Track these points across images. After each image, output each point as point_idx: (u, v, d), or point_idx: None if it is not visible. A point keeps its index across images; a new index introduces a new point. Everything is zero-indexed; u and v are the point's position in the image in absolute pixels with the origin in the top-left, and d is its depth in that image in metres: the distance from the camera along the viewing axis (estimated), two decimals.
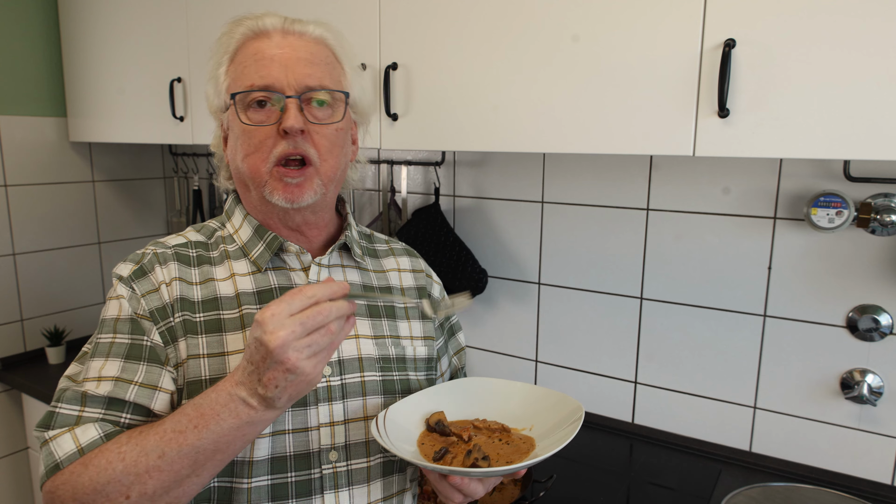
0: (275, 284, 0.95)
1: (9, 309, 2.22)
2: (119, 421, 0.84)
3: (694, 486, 1.47)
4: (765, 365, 1.53)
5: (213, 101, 0.96)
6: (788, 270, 1.48)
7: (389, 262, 1.08)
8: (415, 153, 1.98)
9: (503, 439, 0.93)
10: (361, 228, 1.11)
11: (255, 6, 1.72)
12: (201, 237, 0.99)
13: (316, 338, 0.74)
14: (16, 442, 2.26)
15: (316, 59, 0.91)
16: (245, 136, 0.90)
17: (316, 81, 0.90)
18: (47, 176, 2.28)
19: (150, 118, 2.03)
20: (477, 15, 1.37)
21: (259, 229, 0.96)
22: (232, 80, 0.92)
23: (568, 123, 1.29)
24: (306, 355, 0.73)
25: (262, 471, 0.88)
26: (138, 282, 0.90)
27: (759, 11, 1.07)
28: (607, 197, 1.69)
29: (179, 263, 0.94)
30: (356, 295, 0.84)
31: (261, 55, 0.89)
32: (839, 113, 1.03)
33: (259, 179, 0.90)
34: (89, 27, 2.16)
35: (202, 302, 0.91)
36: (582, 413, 0.92)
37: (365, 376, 0.95)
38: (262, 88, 0.88)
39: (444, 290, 1.15)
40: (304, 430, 0.91)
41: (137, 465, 0.77)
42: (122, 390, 0.85)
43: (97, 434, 0.81)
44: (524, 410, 0.99)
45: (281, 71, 0.88)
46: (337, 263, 1.00)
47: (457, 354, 1.16)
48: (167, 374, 0.88)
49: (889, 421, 1.41)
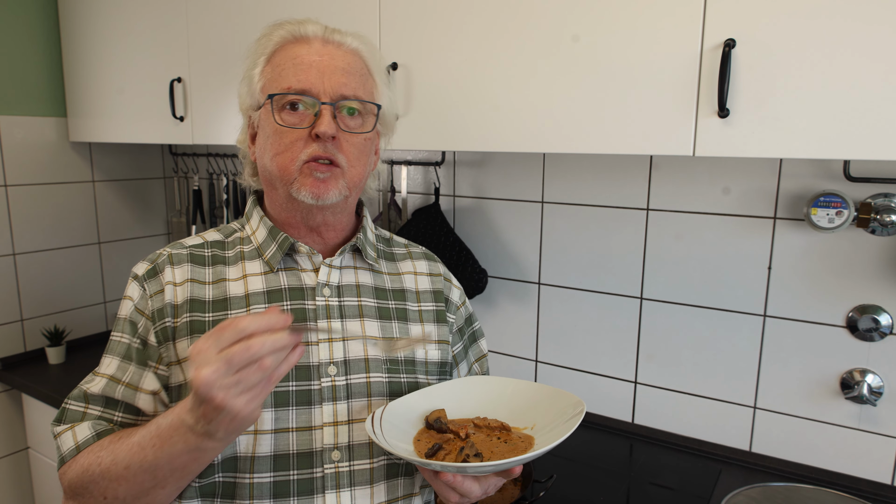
0: (285, 285, 0.96)
1: (9, 309, 2.22)
2: (113, 419, 0.92)
3: (694, 486, 1.47)
4: (765, 365, 1.53)
5: (246, 99, 0.98)
6: (788, 270, 1.48)
7: (406, 265, 1.09)
8: (415, 153, 1.98)
9: (502, 438, 0.93)
10: (381, 232, 1.12)
11: (259, 6, 1.73)
12: (219, 236, 1.02)
13: (246, 374, 0.71)
14: (16, 442, 2.26)
15: (351, 70, 0.93)
16: (276, 135, 0.92)
17: (350, 91, 0.92)
18: (47, 176, 2.28)
19: (150, 118, 2.03)
20: (477, 15, 1.37)
21: (273, 230, 0.98)
22: (268, 80, 0.94)
23: (568, 123, 1.29)
24: (235, 393, 0.71)
25: (265, 467, 0.89)
26: (149, 281, 0.95)
27: (759, 12, 1.07)
28: (607, 197, 1.69)
29: (193, 264, 0.97)
30: (298, 327, 0.78)
31: (300, 60, 0.92)
32: (839, 113, 1.03)
33: (288, 177, 0.92)
34: (89, 27, 2.16)
35: (213, 302, 0.94)
36: (583, 408, 0.90)
37: (371, 377, 0.95)
38: (298, 92, 0.90)
39: (464, 295, 1.14)
40: (308, 428, 0.91)
41: (109, 472, 0.84)
42: (112, 389, 0.92)
43: (90, 433, 0.89)
44: (526, 409, 0.98)
45: (318, 77, 0.91)
46: (349, 265, 1.02)
47: (478, 361, 1.15)
48: (150, 375, 0.92)
49: (889, 421, 1.41)
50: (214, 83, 1.88)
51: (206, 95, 1.90)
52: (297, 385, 0.92)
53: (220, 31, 1.83)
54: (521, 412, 0.98)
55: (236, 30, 1.80)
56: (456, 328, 1.09)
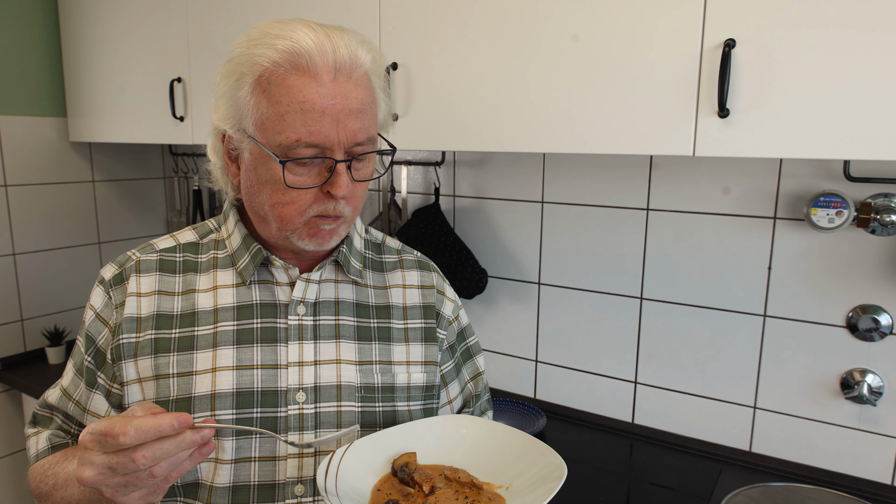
0: (257, 300, 0.91)
1: (9, 309, 2.22)
2: (70, 430, 0.94)
3: (694, 486, 1.47)
4: (765, 365, 1.53)
5: (227, 120, 0.85)
6: (788, 270, 1.48)
7: (395, 276, 1.00)
8: (415, 153, 1.98)
9: (470, 497, 0.82)
10: (372, 236, 1.04)
11: (259, 6, 1.73)
12: (194, 237, 0.96)
13: (134, 479, 0.68)
14: (16, 442, 2.27)
15: (364, 107, 0.82)
16: (281, 189, 0.82)
17: (364, 135, 0.83)
18: (47, 176, 2.28)
19: (150, 118, 2.03)
20: (477, 15, 1.37)
21: (246, 239, 0.92)
22: (266, 118, 0.80)
23: (568, 123, 1.29)
24: (125, 492, 0.70)
25: (223, 499, 0.85)
26: (115, 289, 0.91)
27: (759, 11, 1.07)
28: (607, 197, 1.69)
29: (162, 272, 0.92)
30: (202, 426, 0.70)
31: (309, 106, 0.78)
32: (839, 113, 1.03)
33: (289, 227, 0.85)
34: (89, 27, 2.16)
35: (180, 316, 0.89)
36: (563, 473, 0.79)
37: (342, 406, 0.89)
38: (310, 145, 0.79)
39: (460, 308, 1.06)
40: (272, 458, 0.86)
41: (51, 497, 0.86)
42: (65, 404, 0.94)
43: (46, 445, 0.91)
44: (509, 462, 0.86)
45: (332, 127, 0.79)
46: (330, 279, 0.95)
47: (473, 380, 1.07)
48: (98, 397, 0.91)
49: (889, 421, 1.41)
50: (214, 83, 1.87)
51: (206, 95, 1.90)
52: (261, 412, 0.86)
53: (220, 31, 1.83)
54: (502, 466, 0.87)
55: (236, 30, 1.79)
56: (447, 345, 1.01)
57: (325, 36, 0.80)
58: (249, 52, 0.81)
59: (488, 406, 1.11)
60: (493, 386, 1.97)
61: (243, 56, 0.82)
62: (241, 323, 0.89)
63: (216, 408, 0.85)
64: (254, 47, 0.81)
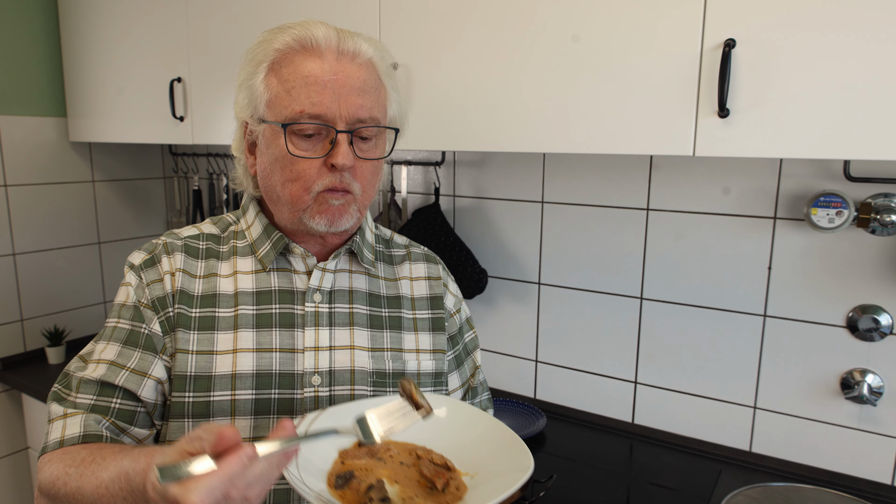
0: (275, 286, 0.94)
1: (9, 309, 2.21)
2: (109, 406, 0.88)
3: (694, 486, 1.47)
4: (765, 365, 1.53)
5: (245, 109, 0.92)
6: (788, 270, 1.48)
7: (404, 269, 1.05)
8: (415, 153, 1.98)
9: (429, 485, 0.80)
10: (382, 232, 1.09)
11: (259, 6, 1.73)
12: (215, 230, 1.00)
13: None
14: (16, 442, 2.26)
15: (367, 87, 0.88)
16: (288, 162, 0.88)
17: (366, 113, 0.88)
18: (47, 176, 2.28)
19: (150, 118, 2.03)
20: (477, 15, 1.37)
21: (268, 228, 0.96)
22: (275, 96, 0.88)
23: (568, 123, 1.29)
24: None
25: None
26: (146, 271, 0.93)
27: (759, 11, 1.07)
28: (607, 197, 1.69)
29: (186, 255, 0.95)
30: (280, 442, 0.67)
31: (313, 79, 0.85)
32: (839, 113, 1.03)
33: (300, 205, 0.89)
34: (89, 27, 2.16)
35: (201, 297, 0.93)
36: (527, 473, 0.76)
37: (355, 390, 0.92)
38: (312, 116, 0.85)
39: (461, 301, 1.10)
40: None
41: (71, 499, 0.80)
42: (114, 374, 0.89)
43: (77, 432, 0.85)
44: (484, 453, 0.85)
45: (333, 100, 0.85)
46: (345, 268, 0.99)
47: (472, 374, 1.11)
48: (160, 363, 0.90)
49: (889, 421, 1.41)
50: (214, 83, 1.88)
51: (205, 95, 1.90)
52: (279, 393, 0.89)
53: (220, 31, 1.83)
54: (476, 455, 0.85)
55: (236, 30, 1.80)
56: (447, 336, 1.05)
57: (336, 31, 0.89)
58: (267, 40, 0.90)
59: (489, 405, 1.13)
60: (493, 386, 1.97)
61: (262, 44, 0.90)
62: (260, 308, 0.93)
63: (236, 388, 0.89)
64: (272, 35, 0.90)
